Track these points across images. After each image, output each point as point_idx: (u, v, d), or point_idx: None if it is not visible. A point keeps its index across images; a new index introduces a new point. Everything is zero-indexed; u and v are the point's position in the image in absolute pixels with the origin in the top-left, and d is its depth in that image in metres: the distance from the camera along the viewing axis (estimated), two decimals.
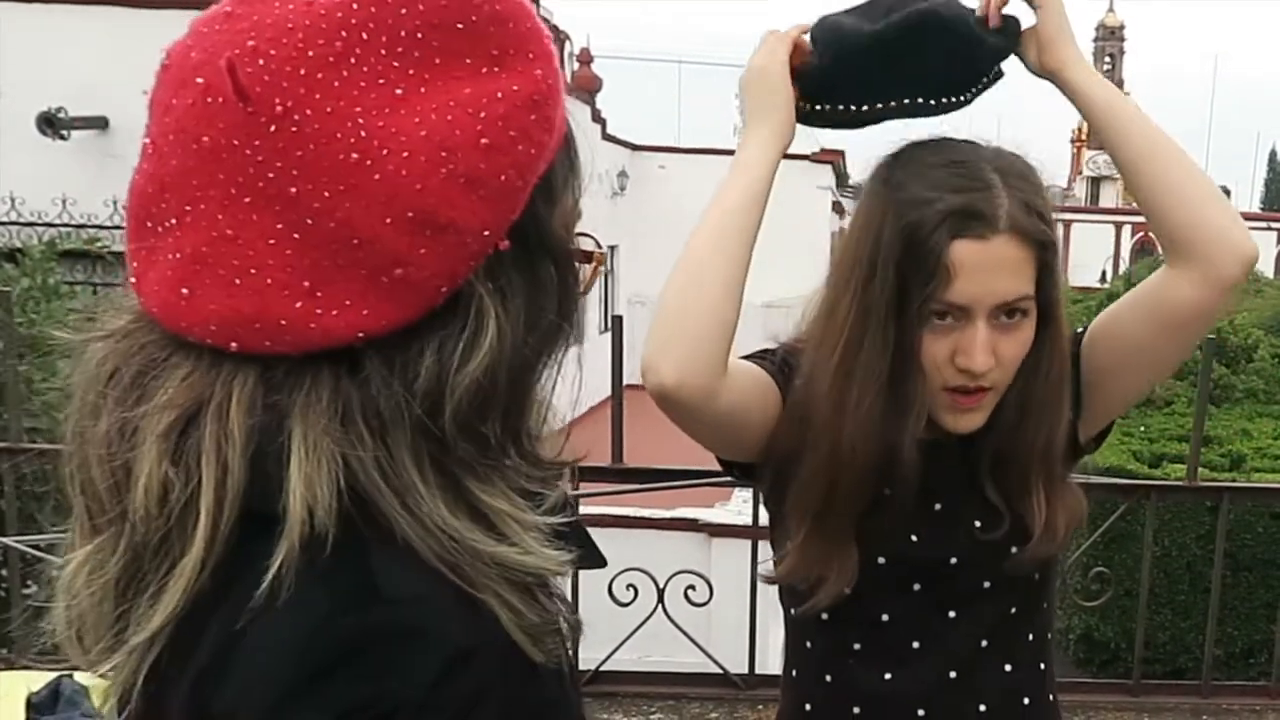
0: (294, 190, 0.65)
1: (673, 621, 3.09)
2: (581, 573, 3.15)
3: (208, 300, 0.67)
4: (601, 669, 3.18)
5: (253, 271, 0.66)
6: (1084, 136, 50.80)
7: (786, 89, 1.31)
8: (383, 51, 0.67)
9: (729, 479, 1.65)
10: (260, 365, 0.68)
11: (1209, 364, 3.47)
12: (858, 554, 1.30)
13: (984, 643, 1.34)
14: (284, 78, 0.65)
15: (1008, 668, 1.36)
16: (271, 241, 0.66)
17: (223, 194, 0.66)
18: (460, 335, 0.69)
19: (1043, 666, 1.41)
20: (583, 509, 3.53)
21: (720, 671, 3.22)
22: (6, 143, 8.12)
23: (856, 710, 1.36)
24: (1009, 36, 1.31)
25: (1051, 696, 1.44)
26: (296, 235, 0.66)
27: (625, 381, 3.05)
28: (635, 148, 21.21)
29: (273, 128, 0.65)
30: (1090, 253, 40.38)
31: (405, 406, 0.68)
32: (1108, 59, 57.07)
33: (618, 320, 3.11)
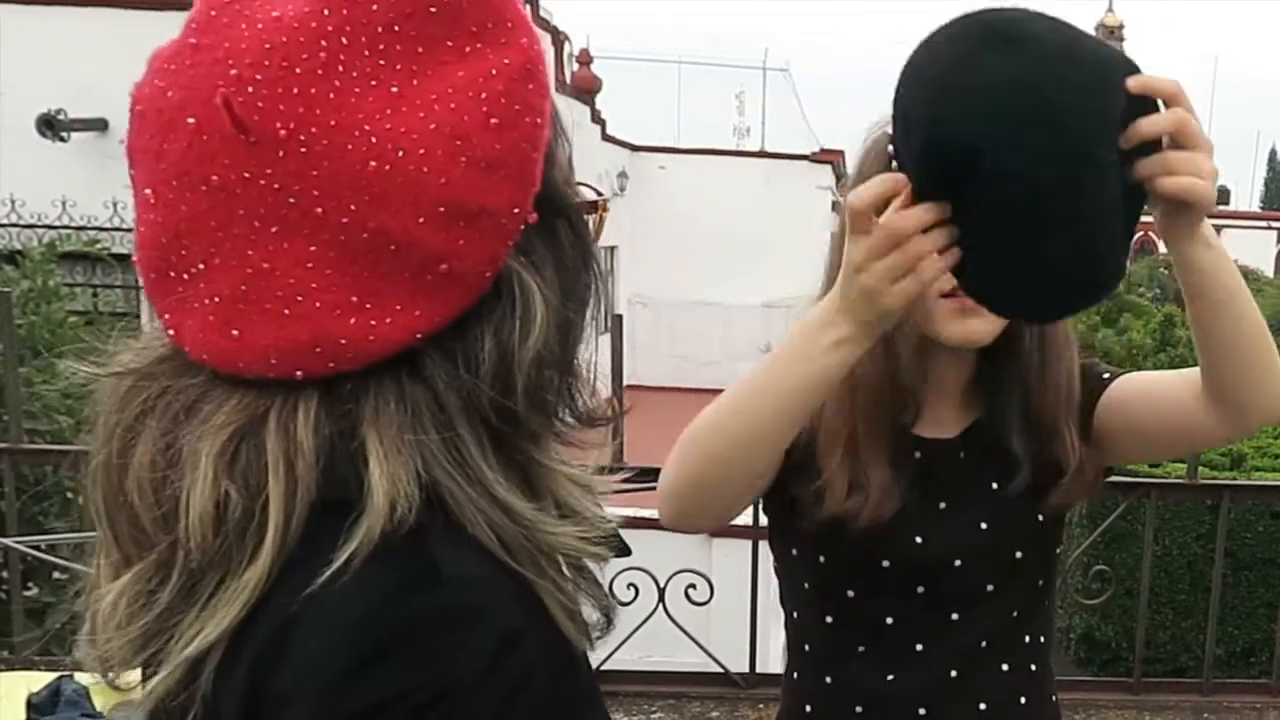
0: (320, 210, 0.65)
1: (673, 621, 3.09)
2: None
3: (259, 337, 0.67)
4: (602, 668, 3.18)
5: (299, 299, 0.66)
6: None
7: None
8: (366, 53, 0.66)
9: None
10: (323, 383, 0.68)
11: None
12: (865, 552, 1.30)
13: (984, 643, 1.34)
14: (278, 100, 0.64)
15: (1006, 668, 1.36)
16: (310, 265, 0.66)
17: (247, 229, 0.66)
18: (513, 314, 0.70)
19: (1042, 667, 1.41)
20: None
21: (721, 671, 3.22)
22: (6, 144, 8.11)
23: (859, 710, 1.36)
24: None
25: (1054, 697, 1.44)
26: (333, 254, 0.66)
27: (625, 381, 3.04)
28: (635, 148, 21.20)
29: (281, 153, 0.64)
30: None
31: (477, 392, 0.69)
32: None
33: (618, 320, 3.11)
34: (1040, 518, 1.35)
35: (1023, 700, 1.38)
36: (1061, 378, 1.32)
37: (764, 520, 1.46)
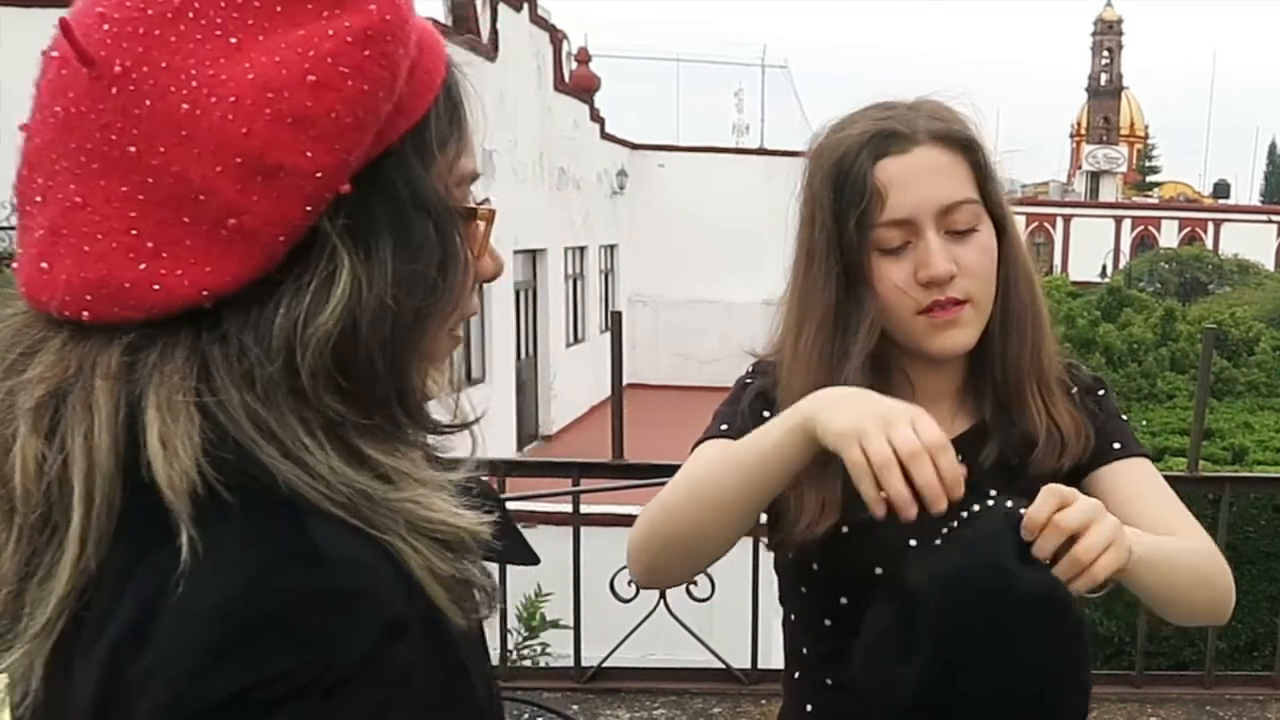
0: (133, 149, 0.65)
1: (675, 617, 3.10)
2: (583, 570, 3.16)
3: (60, 271, 0.67)
4: (605, 665, 3.19)
5: (99, 237, 0.66)
6: (1083, 131, 50.74)
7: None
8: (222, 4, 0.66)
9: None
10: (126, 334, 0.66)
11: (1209, 357, 3.46)
12: (839, 493, 1.28)
13: None
14: (124, 38, 0.65)
15: None
16: (117, 205, 0.66)
17: (74, 163, 0.66)
18: (310, 286, 0.67)
19: None
20: (584, 507, 3.53)
21: (723, 667, 3.22)
22: (6, 147, 8.11)
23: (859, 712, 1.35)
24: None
25: None
26: (141, 196, 0.65)
27: (626, 379, 3.05)
28: (634, 146, 21.22)
29: (114, 89, 0.65)
30: (1090, 247, 40.36)
31: (264, 361, 0.66)
32: (1105, 54, 57.05)
33: (617, 317, 3.11)
34: None
35: None
36: (1025, 351, 1.31)
37: (763, 518, 1.46)
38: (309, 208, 0.67)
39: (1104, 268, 38.26)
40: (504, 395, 15.65)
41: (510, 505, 3.91)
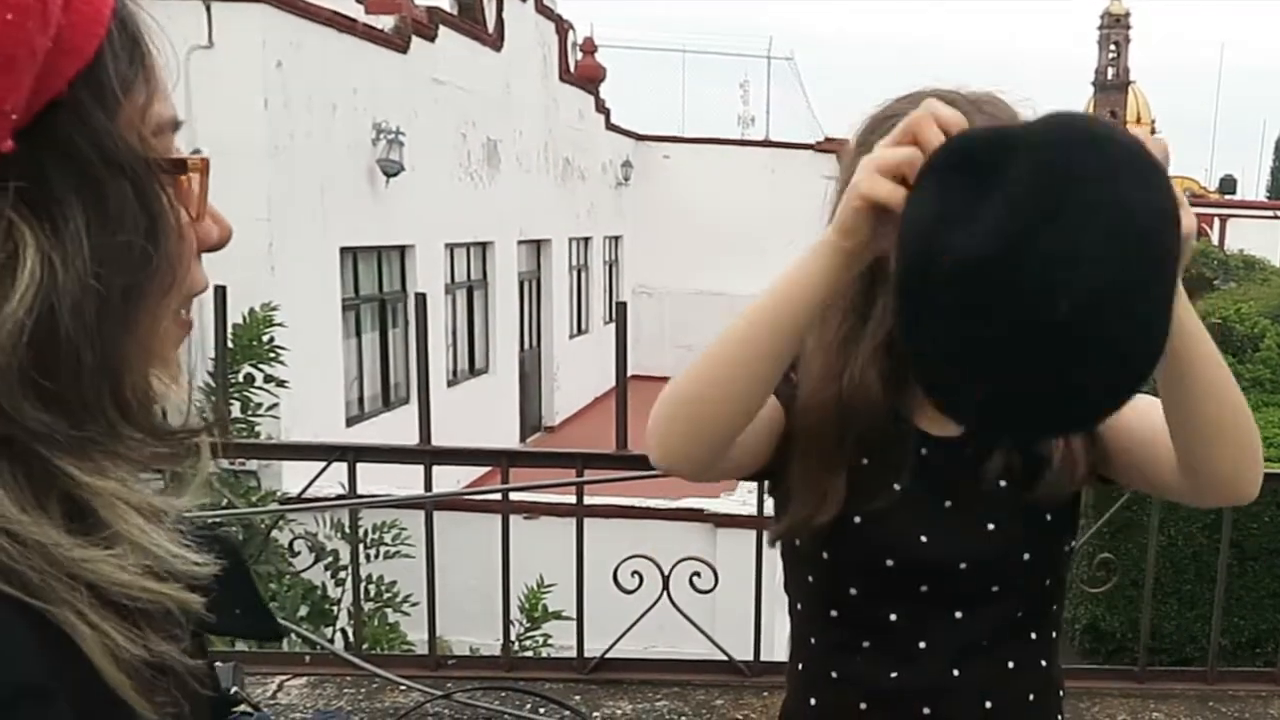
0: None
1: (678, 609, 3.10)
2: (586, 559, 3.16)
3: None
4: (607, 656, 3.19)
5: None
6: None
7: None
8: None
9: None
10: None
11: None
12: (843, 490, 1.29)
13: (988, 642, 1.33)
14: None
15: (1012, 665, 1.35)
16: None
17: None
18: None
19: (1050, 664, 1.40)
20: (589, 499, 3.51)
21: (726, 659, 3.22)
22: None
23: (863, 706, 1.35)
24: None
25: (1060, 693, 1.44)
26: None
27: (630, 371, 3.05)
28: (639, 137, 21.19)
29: None
30: None
31: None
32: (1113, 47, 56.85)
33: (622, 307, 3.10)
34: (1048, 517, 1.32)
35: (1030, 698, 1.37)
36: None
37: (769, 510, 1.46)
38: None
39: None
40: (507, 386, 15.65)
41: (514, 496, 3.88)
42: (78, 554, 0.57)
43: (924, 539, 1.30)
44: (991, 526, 1.31)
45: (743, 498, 7.60)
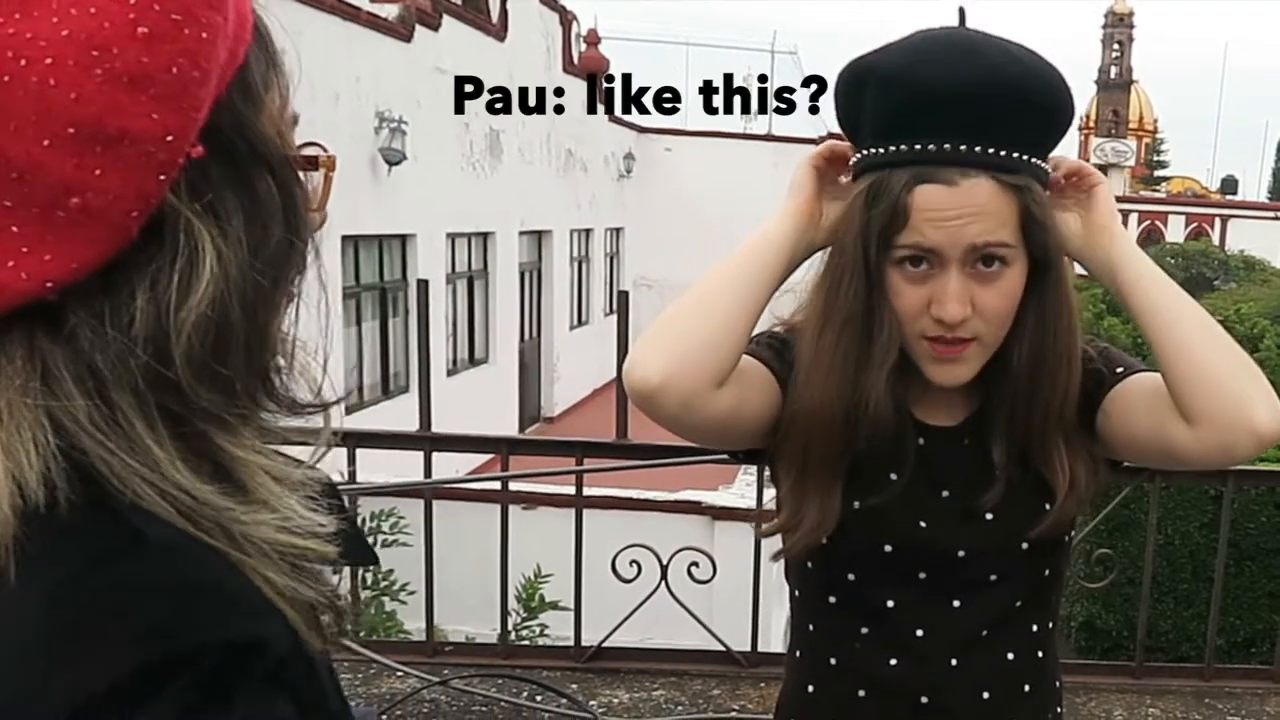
0: None
1: (676, 599, 3.10)
2: (585, 550, 3.16)
3: None
4: (604, 645, 3.19)
5: None
6: (1092, 124, 50.56)
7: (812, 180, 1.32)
8: None
9: (733, 459, 1.65)
10: None
11: None
12: (839, 506, 1.30)
13: (986, 632, 1.33)
14: None
15: (1010, 656, 1.35)
16: None
17: None
18: (174, 267, 0.60)
19: (1047, 655, 1.40)
20: (588, 489, 3.52)
21: (723, 649, 3.23)
22: None
23: (861, 694, 1.35)
24: None
25: (1057, 683, 1.44)
26: None
27: None
28: (641, 130, 21.16)
29: None
30: None
31: (126, 356, 0.59)
32: (1116, 47, 56.79)
33: (624, 297, 3.11)
34: (1048, 506, 1.32)
35: (1026, 688, 1.37)
36: (1055, 397, 1.28)
37: (769, 504, 1.46)
38: (162, 176, 0.59)
39: None
40: (507, 377, 15.65)
41: (513, 486, 3.87)
42: (246, 518, 0.62)
43: (922, 524, 1.31)
44: (990, 516, 1.31)
45: (741, 490, 7.60)
